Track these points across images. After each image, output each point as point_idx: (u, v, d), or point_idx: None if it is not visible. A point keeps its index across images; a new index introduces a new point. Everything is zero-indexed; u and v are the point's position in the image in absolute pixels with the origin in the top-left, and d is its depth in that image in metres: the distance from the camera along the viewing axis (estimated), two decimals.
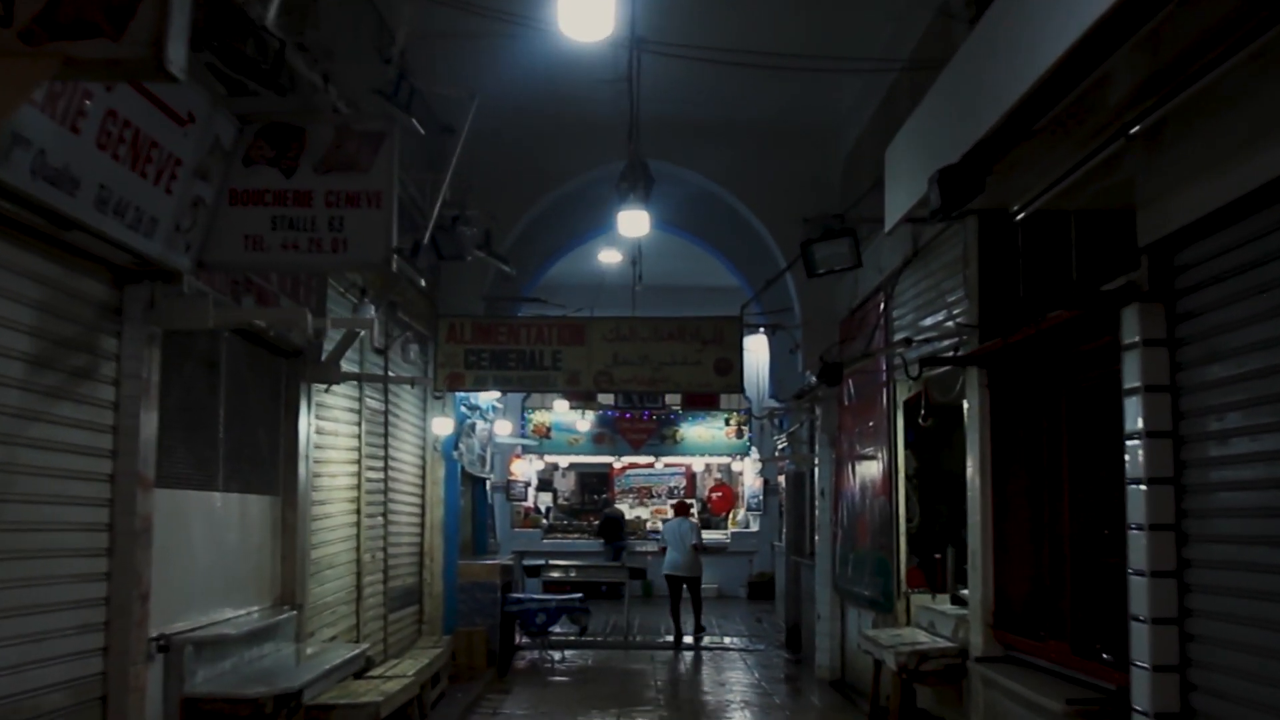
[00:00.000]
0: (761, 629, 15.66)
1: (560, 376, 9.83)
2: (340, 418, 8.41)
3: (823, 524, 11.75)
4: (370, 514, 9.32)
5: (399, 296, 9.87)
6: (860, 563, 10.32)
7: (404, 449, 10.76)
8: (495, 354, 9.93)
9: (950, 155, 3.84)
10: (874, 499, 9.89)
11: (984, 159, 3.45)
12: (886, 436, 9.43)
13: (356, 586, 8.85)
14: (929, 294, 8.28)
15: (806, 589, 13.32)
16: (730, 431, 21.21)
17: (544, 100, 11.25)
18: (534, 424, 20.97)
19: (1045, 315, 5.67)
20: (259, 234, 4.57)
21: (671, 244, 14.57)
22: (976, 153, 3.44)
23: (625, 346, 9.86)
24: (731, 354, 9.94)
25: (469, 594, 11.87)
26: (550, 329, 9.93)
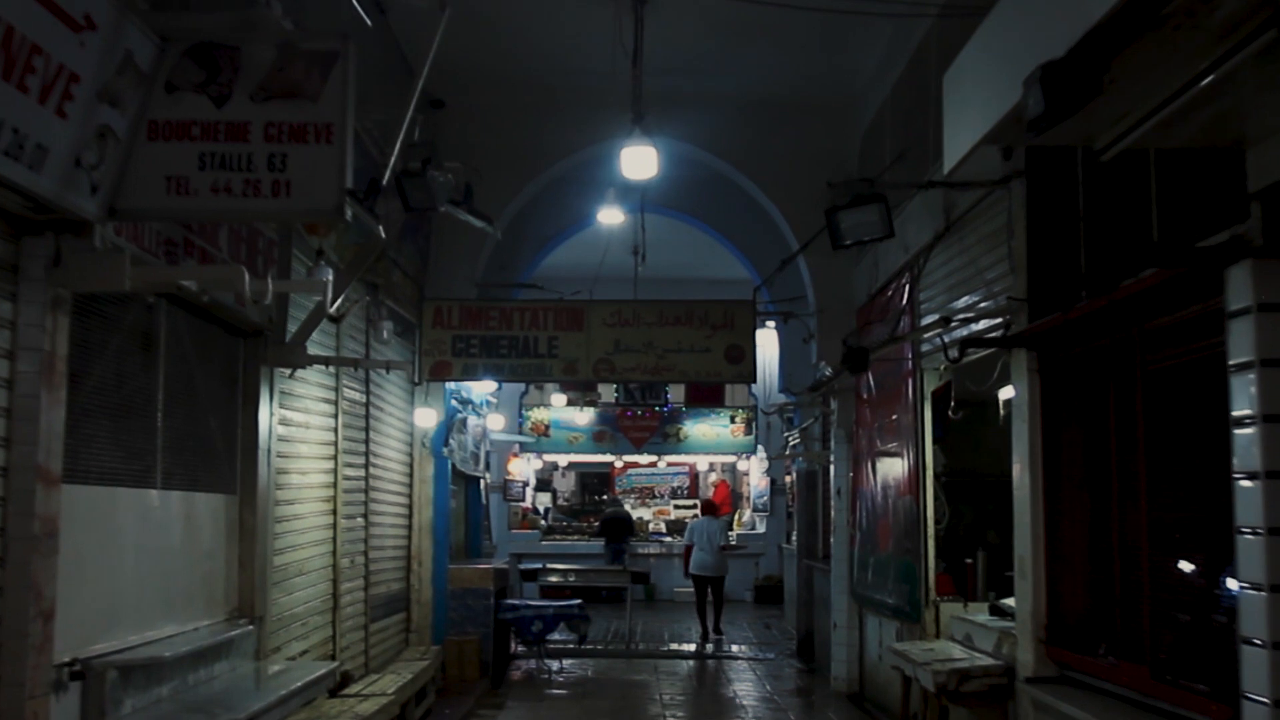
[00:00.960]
0: (770, 636, 14.85)
1: (557, 365, 9.03)
2: (313, 408, 7.61)
3: (839, 526, 10.94)
4: (349, 515, 8.52)
5: (381, 279, 9.08)
6: (882, 568, 9.52)
7: (388, 445, 9.95)
8: (485, 340, 9.13)
9: (1037, 59, 3.05)
10: (897, 499, 9.08)
11: (1100, 51, 2.69)
12: (913, 431, 8.63)
13: (333, 595, 8.05)
14: (964, 272, 7.47)
15: (820, 595, 12.52)
16: (736, 429, 20.39)
17: (539, 70, 10.47)
18: (532, 421, 20.17)
19: (1118, 283, 4.87)
20: (184, 175, 3.77)
21: (675, 232, 13.79)
22: (1091, 44, 2.68)
23: (627, 332, 9.06)
24: (744, 341, 9.13)
25: (460, 600, 11.06)
26: (546, 313, 9.12)
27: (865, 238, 6.62)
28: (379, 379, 9.44)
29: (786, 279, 11.64)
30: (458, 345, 9.10)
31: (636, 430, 20.32)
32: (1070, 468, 5.94)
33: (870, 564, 9.93)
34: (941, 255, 7.91)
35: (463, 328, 9.09)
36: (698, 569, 14.65)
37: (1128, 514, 5.21)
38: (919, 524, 8.49)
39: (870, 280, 10.11)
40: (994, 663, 6.52)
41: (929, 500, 8.47)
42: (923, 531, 8.44)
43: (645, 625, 15.61)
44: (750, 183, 11.20)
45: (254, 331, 6.17)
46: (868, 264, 10.30)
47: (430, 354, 9.18)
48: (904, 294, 8.81)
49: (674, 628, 15.56)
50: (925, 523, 8.44)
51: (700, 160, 11.60)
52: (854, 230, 6.42)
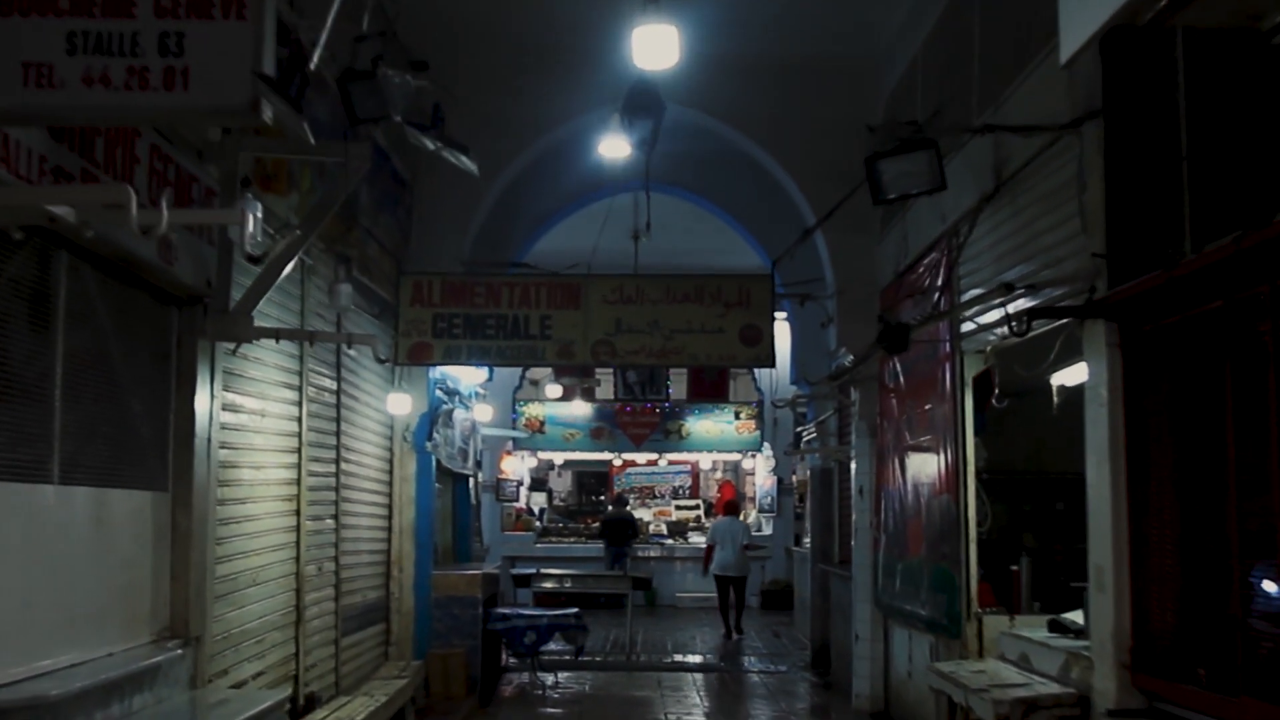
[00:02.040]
0: (781, 646, 13.88)
1: (550, 347, 8.05)
2: (271, 394, 6.63)
3: (860, 528, 9.98)
4: (316, 516, 7.55)
5: (354, 251, 8.11)
6: (912, 575, 8.56)
7: (364, 438, 8.98)
8: (470, 319, 8.16)
9: None
10: (932, 499, 8.13)
11: None
12: (951, 422, 7.67)
13: (296, 606, 7.07)
14: (1016, 238, 6.52)
15: (838, 602, 11.55)
16: (741, 425, 19.42)
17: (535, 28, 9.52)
18: (526, 417, 19.20)
19: (1247, 232, 3.91)
20: (48, 61, 2.82)
21: (679, 214, 12.84)
22: None
23: (630, 310, 8.09)
24: (761, 320, 8.16)
25: (445, 610, 10.09)
26: (538, 289, 8.14)
27: (912, 190, 5.67)
28: (353, 364, 8.47)
29: (801, 261, 10.64)
30: (439, 325, 8.13)
31: (636, 427, 19.36)
32: (1162, 461, 4.98)
33: (898, 571, 8.97)
34: (989, 221, 6.94)
35: (445, 305, 8.12)
36: (720, 569, 14.70)
37: (1249, 516, 4.25)
38: (958, 526, 7.54)
39: (898, 256, 9.15)
40: (1063, 690, 5.55)
41: (969, 500, 7.51)
42: (963, 535, 7.48)
43: (647, 634, 14.64)
44: (763, 152, 10.24)
45: (189, 299, 5.20)
46: (895, 238, 9.34)
47: (408, 335, 8.21)
48: (941, 268, 7.85)
49: (677, 636, 14.60)
50: (965, 525, 7.49)
51: (707, 130, 10.63)
52: (898, 181, 5.47)
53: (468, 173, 8.59)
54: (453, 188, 10.05)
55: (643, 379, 18.67)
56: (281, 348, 6.79)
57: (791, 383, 13.10)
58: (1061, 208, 5.80)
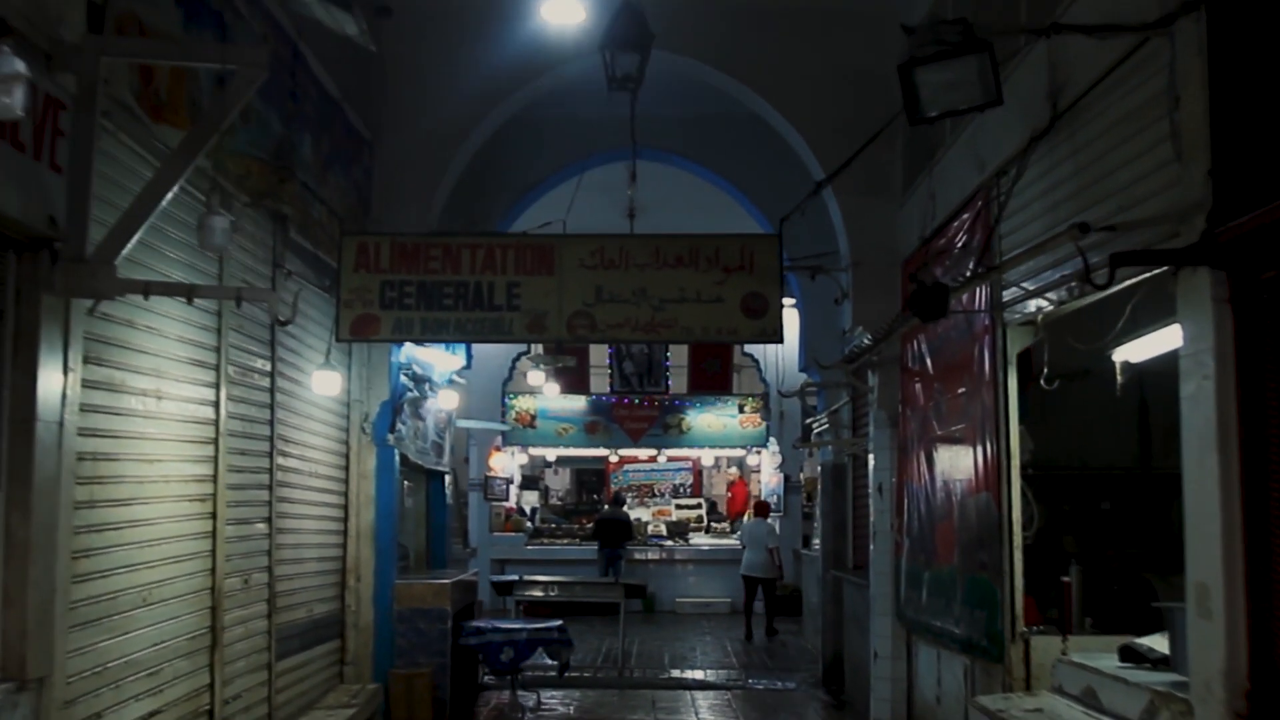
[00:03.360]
0: (788, 658, 12.70)
1: (519, 320, 6.87)
2: (171, 372, 5.48)
3: (879, 530, 8.81)
4: (240, 520, 6.40)
5: (291, 209, 6.95)
6: (942, 586, 7.39)
7: (311, 428, 7.83)
8: (425, 288, 6.97)
9: None
10: (966, 498, 6.96)
11: None
12: (989, 408, 6.51)
13: (211, 627, 5.92)
14: (1077, 179, 5.34)
15: (852, 613, 10.39)
16: (746, 420, 18.24)
17: None
18: (516, 411, 18.05)
19: None
20: None
21: (675, 185, 11.71)
22: None
23: (613, 277, 6.90)
24: (766, 287, 6.97)
25: (409, 623, 8.94)
26: (504, 252, 6.95)
27: (959, 106, 4.49)
28: (295, 343, 7.32)
29: (811, 234, 9.50)
30: (388, 294, 6.95)
31: (633, 421, 18.20)
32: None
33: (925, 580, 7.80)
34: (1040, 164, 5.76)
35: (395, 271, 6.94)
36: (748, 570, 14.69)
37: None
38: (999, 530, 6.37)
39: (924, 220, 7.97)
40: None
41: (1014, 499, 6.34)
42: (1005, 541, 6.32)
43: (643, 645, 13.48)
44: (766, 105, 9.07)
45: (30, 243, 4.04)
46: (919, 199, 8.16)
47: (351, 306, 7.02)
48: (978, 228, 6.68)
49: (676, 647, 13.42)
50: (1009, 529, 6.32)
51: (703, 87, 9.48)
52: (941, 96, 4.30)
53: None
54: (420, 148, 8.95)
55: (640, 370, 17.49)
56: (188, 316, 5.64)
57: (800, 370, 11.91)
58: (1143, 133, 4.62)
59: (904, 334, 8.13)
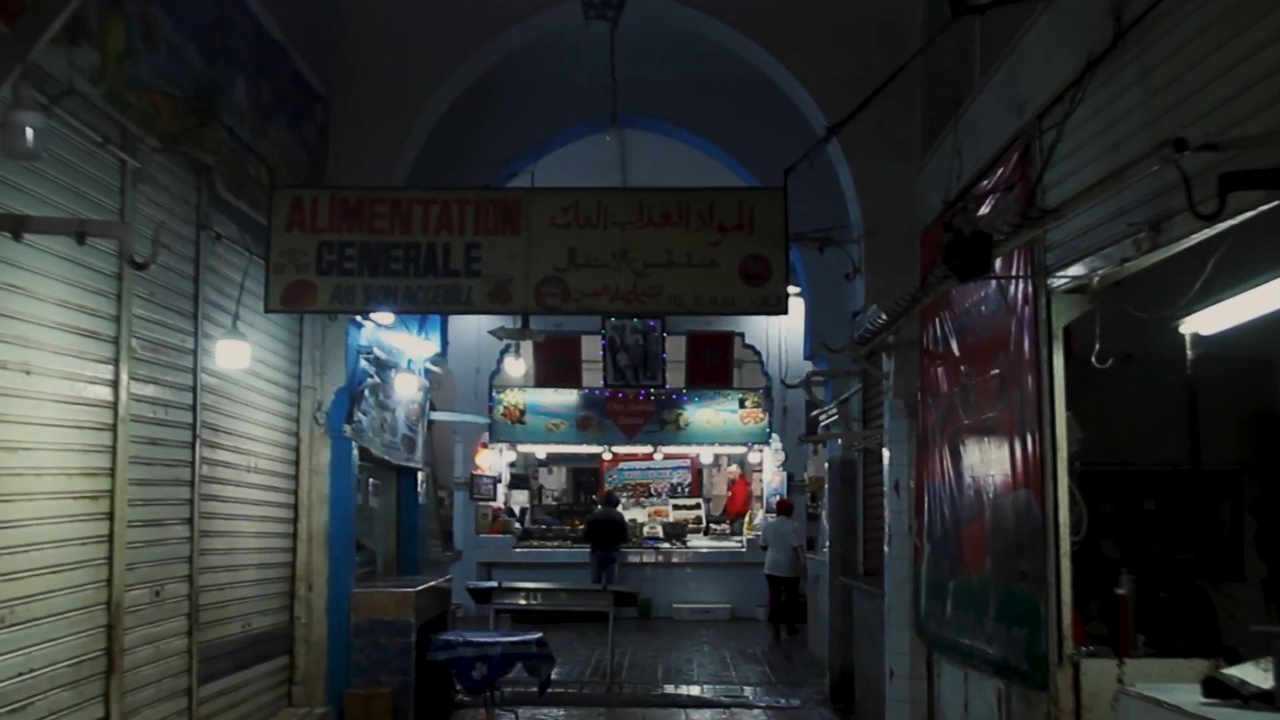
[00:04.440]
0: (793, 671, 11.72)
1: (479, 287, 5.89)
2: (46, 341, 4.53)
3: (895, 534, 7.85)
4: (150, 521, 5.46)
5: (218, 158, 5.99)
6: (971, 598, 6.42)
7: (250, 416, 6.88)
8: (369, 250, 6.00)
9: None
10: (1001, 497, 5.99)
11: None
12: (1032, 391, 5.55)
13: (107, 650, 4.97)
14: (1151, 105, 4.37)
15: (863, 624, 9.43)
16: (747, 415, 17.25)
17: None
18: (504, 405, 17.08)
19: None
20: None
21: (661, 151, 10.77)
22: None
23: (589, 237, 5.94)
24: (769, 249, 5.99)
25: (369, 637, 7.99)
26: (463, 208, 5.97)
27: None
28: (228, 317, 6.35)
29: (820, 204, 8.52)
30: (326, 258, 5.97)
31: (628, 416, 17.21)
32: None
33: (948, 591, 6.83)
34: (1101, 93, 4.77)
35: (334, 230, 5.96)
36: (772, 569, 14.49)
37: None
38: (1042, 535, 5.41)
39: (948, 181, 6.99)
40: None
41: (1060, 498, 5.37)
42: (1051, 547, 5.35)
43: (635, 656, 12.50)
44: (770, 58, 8.10)
45: None
46: (943, 157, 7.20)
47: (282, 271, 6.05)
48: (1018, 181, 5.70)
49: (671, 659, 12.44)
50: (1055, 533, 5.35)
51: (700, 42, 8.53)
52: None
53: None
54: (381, 105, 8.00)
55: (635, 362, 16.47)
56: (72, 275, 4.69)
57: (805, 358, 10.97)
58: (1242, 36, 3.66)
59: (924, 311, 7.16)
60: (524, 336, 6.26)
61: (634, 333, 16.29)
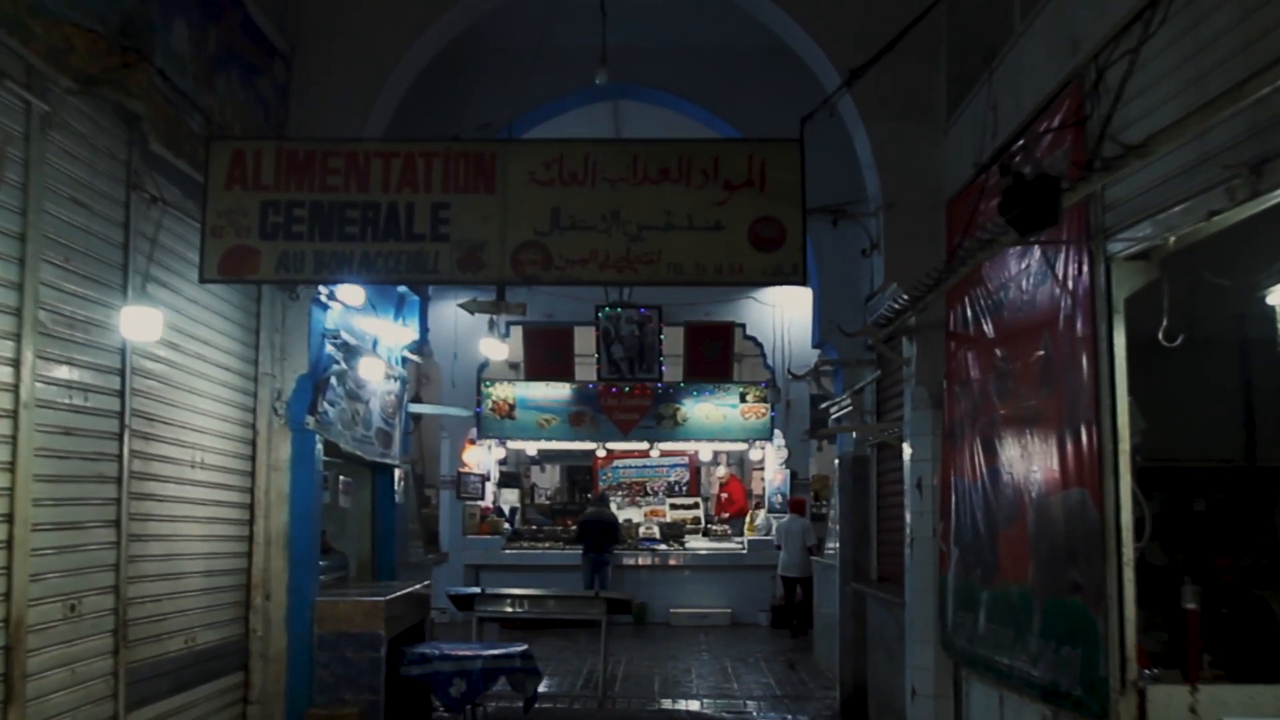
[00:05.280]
0: (798, 684, 10.95)
1: (447, 253, 5.12)
2: None
3: (918, 537, 7.09)
4: (60, 524, 4.68)
5: (146, 107, 5.22)
6: (1009, 610, 5.67)
7: (196, 405, 6.11)
8: (322, 211, 5.23)
9: None
10: (1047, 497, 5.25)
11: None
12: (1088, 374, 4.81)
13: (4, 676, 4.20)
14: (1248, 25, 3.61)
15: (878, 634, 8.69)
16: (748, 410, 16.49)
17: None
18: (493, 399, 16.30)
19: None
20: None
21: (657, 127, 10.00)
22: None
23: (575, 196, 5.18)
24: (783, 210, 5.22)
25: (334, 651, 7.21)
26: (430, 162, 5.19)
27: None
28: (168, 292, 5.58)
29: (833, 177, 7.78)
30: (271, 220, 5.20)
31: (623, 411, 16.44)
32: None
33: (982, 601, 6.08)
34: (1179, 19, 4.01)
35: (281, 188, 5.19)
36: (785, 570, 14.34)
37: None
38: (1100, 540, 4.67)
39: (979, 142, 6.24)
40: None
41: (1123, 498, 4.63)
42: (1111, 554, 4.62)
43: (630, 666, 11.74)
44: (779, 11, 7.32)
45: None
46: (973, 117, 6.45)
47: (221, 234, 5.28)
48: (1069, 131, 4.93)
49: (669, 669, 11.68)
50: (1116, 538, 4.60)
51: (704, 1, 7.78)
52: None
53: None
54: (347, 65, 7.22)
55: (631, 354, 15.68)
56: None
57: (814, 345, 10.20)
58: None
59: (951, 290, 6.41)
60: (499, 310, 5.47)
61: (629, 323, 15.51)
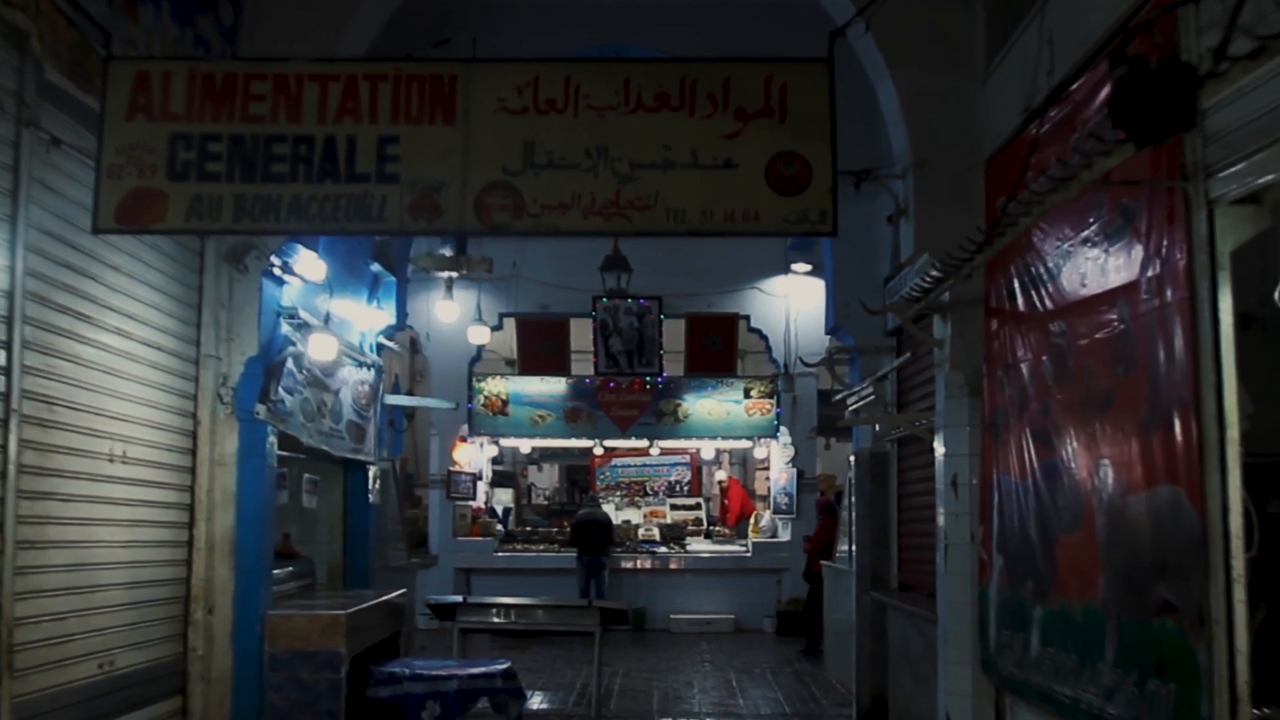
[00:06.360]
0: (809, 700, 10.05)
1: (396, 197, 4.23)
2: None
3: (953, 541, 6.21)
4: None
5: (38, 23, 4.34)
6: (1071, 631, 4.78)
7: (117, 389, 5.23)
8: (243, 145, 4.34)
9: None
10: (1124, 496, 4.36)
11: None
12: (1183, 348, 3.91)
13: None
14: None
15: (901, 649, 7.81)
16: (753, 406, 15.61)
17: None
18: (485, 395, 15.43)
19: None
20: None
21: None
22: None
23: (555, 128, 4.29)
24: (809, 144, 4.30)
25: (288, 671, 6.34)
26: (376, 86, 4.31)
27: None
28: (68, 250, 4.70)
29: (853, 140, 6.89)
30: (181, 157, 4.31)
31: (621, 407, 15.56)
32: None
33: (1036, 620, 5.19)
34: None
35: (193, 119, 4.31)
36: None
37: None
38: (1203, 549, 3.77)
39: (1029, 86, 5.35)
40: None
41: (1231, 498, 3.74)
42: (1218, 566, 3.72)
43: (627, 679, 10.86)
44: None
45: None
46: (1019, 59, 5.57)
47: (119, 175, 4.39)
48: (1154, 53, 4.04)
49: (668, 681, 10.80)
50: (1224, 547, 3.72)
51: None
52: None
53: None
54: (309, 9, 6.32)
55: (629, 347, 14.78)
56: None
57: (827, 332, 9.33)
58: None
59: (994, 260, 5.53)
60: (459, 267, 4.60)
61: (628, 315, 14.62)
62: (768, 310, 15.26)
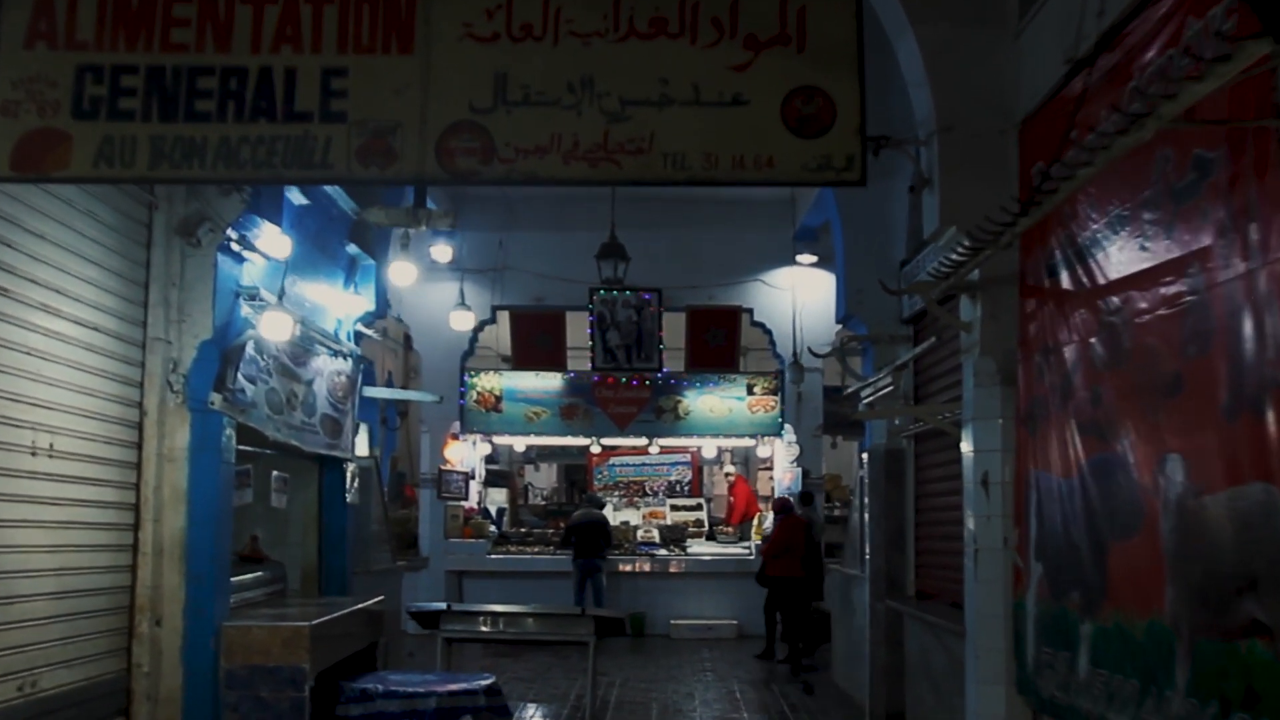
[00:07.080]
0: (818, 710, 9.42)
1: (342, 138, 3.60)
2: None
3: (984, 547, 5.59)
4: None
5: None
6: (1130, 652, 4.17)
7: (43, 372, 4.61)
8: (161, 78, 3.73)
9: None
10: (1197, 496, 3.75)
11: None
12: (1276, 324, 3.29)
13: None
14: None
15: (920, 662, 7.20)
16: (756, 403, 15.00)
17: None
18: (477, 391, 14.82)
19: None
20: None
21: None
22: None
23: (530, 57, 3.68)
24: (832, 78, 3.69)
25: (246, 688, 5.73)
26: (320, 8, 3.67)
27: None
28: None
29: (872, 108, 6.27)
30: (89, 92, 3.67)
31: (619, 404, 14.94)
32: None
33: (1084, 637, 4.58)
34: None
35: (104, 47, 3.69)
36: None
37: None
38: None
39: (1072, 34, 4.73)
40: None
41: None
42: None
43: (625, 689, 10.25)
44: None
45: None
46: (1055, 9, 4.95)
47: (15, 112, 3.79)
48: None
49: (668, 692, 10.19)
50: None
51: None
52: None
53: None
54: None
55: (628, 341, 14.18)
56: None
57: (838, 321, 8.72)
58: None
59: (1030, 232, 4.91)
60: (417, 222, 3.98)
61: (626, 307, 14.03)
62: (772, 304, 14.65)
